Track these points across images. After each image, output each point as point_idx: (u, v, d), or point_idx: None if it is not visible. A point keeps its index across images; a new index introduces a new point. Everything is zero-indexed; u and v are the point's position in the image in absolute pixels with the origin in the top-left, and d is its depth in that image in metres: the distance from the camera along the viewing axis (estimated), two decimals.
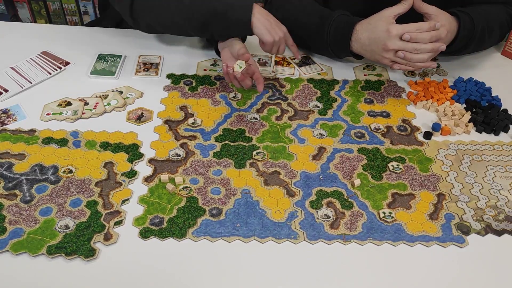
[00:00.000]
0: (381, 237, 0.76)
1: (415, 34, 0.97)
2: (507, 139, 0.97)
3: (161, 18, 1.04)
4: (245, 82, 0.99)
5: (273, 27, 1.01)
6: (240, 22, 0.99)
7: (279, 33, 1.01)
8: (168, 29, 1.08)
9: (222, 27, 1.01)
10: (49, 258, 0.71)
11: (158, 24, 1.06)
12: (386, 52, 1.00)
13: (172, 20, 1.03)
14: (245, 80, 0.98)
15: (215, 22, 1.00)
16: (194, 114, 0.99)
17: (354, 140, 0.95)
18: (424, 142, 0.95)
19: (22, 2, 1.88)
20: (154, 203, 0.80)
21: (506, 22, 1.16)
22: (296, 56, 1.09)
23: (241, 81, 0.98)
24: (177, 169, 0.86)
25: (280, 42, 1.02)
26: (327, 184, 0.85)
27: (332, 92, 1.07)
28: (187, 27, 1.04)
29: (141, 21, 1.06)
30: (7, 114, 0.96)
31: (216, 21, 1.00)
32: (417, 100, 1.04)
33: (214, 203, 0.80)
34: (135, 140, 0.92)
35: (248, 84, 1.00)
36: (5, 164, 0.85)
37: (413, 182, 0.86)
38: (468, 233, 0.78)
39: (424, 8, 1.00)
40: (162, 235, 0.75)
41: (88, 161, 0.87)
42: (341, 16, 1.07)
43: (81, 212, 0.78)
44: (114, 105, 1.00)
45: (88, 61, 1.12)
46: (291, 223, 0.78)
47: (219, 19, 0.99)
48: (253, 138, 0.94)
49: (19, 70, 1.08)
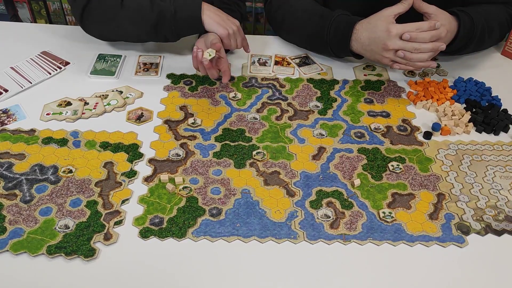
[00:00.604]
0: (381, 237, 0.76)
1: (415, 33, 0.97)
2: (507, 139, 0.97)
3: (111, 27, 1.06)
4: (211, 71, 1.00)
5: (225, 20, 1.03)
6: (191, 20, 1.01)
7: (232, 26, 1.03)
8: (121, 36, 1.11)
9: (174, 28, 1.03)
10: (49, 258, 0.71)
11: (110, 33, 1.09)
12: (386, 51, 1.00)
13: (123, 28, 1.05)
14: (211, 70, 1.00)
15: (166, 24, 1.02)
16: (194, 114, 0.99)
17: (354, 140, 0.95)
18: (424, 142, 0.95)
19: (22, 2, 1.88)
20: (154, 203, 0.80)
21: (506, 22, 1.16)
22: (246, 50, 1.10)
23: (207, 69, 1.00)
24: (177, 169, 0.86)
25: (236, 35, 1.04)
26: (327, 184, 0.85)
27: (332, 92, 1.07)
28: (138, 32, 1.06)
29: (94, 30, 1.09)
30: (7, 114, 0.96)
31: (166, 23, 1.02)
32: (417, 100, 1.04)
33: (214, 203, 0.80)
34: (135, 140, 0.92)
35: (214, 75, 1.01)
36: (5, 164, 0.85)
37: (413, 182, 0.86)
38: (468, 233, 0.78)
39: (424, 7, 1.00)
40: (162, 235, 0.75)
41: (88, 161, 0.87)
42: (341, 15, 1.07)
43: (81, 212, 0.78)
44: (114, 105, 1.00)
45: (88, 61, 1.12)
46: (291, 223, 0.78)
47: (168, 20, 1.01)
48: (253, 138, 0.94)
49: (19, 70, 1.08)
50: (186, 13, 1.01)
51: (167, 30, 1.04)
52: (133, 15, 1.03)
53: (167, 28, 1.03)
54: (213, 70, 1.00)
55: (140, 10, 1.02)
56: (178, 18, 1.01)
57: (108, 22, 1.05)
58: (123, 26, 1.04)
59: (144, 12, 1.02)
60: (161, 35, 1.06)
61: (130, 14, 1.03)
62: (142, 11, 1.02)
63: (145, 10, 1.02)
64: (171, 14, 1.01)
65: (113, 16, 1.03)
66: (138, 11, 1.02)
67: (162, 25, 1.03)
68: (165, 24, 1.02)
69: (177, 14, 1.01)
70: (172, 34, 1.05)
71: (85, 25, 1.08)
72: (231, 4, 1.18)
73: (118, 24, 1.04)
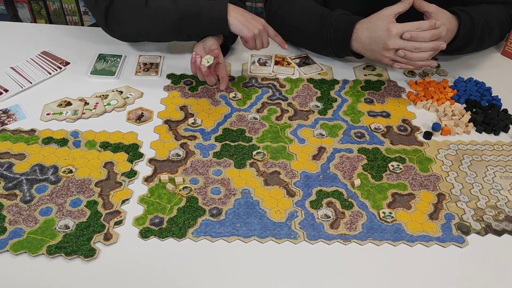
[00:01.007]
0: (381, 237, 0.76)
1: (416, 33, 0.97)
2: (507, 139, 0.97)
3: (135, 27, 1.05)
4: (209, 78, 1.00)
5: (250, 21, 1.02)
6: (216, 22, 1.00)
7: (258, 25, 1.02)
8: (143, 36, 1.10)
9: (198, 28, 1.02)
10: (49, 258, 0.71)
11: (133, 33, 1.08)
12: (386, 51, 1.00)
13: (146, 28, 1.04)
14: (209, 76, 0.99)
15: (191, 24, 1.01)
16: (194, 114, 0.99)
17: (354, 140, 0.95)
18: (424, 142, 0.95)
19: (22, 2, 1.88)
20: (154, 203, 0.80)
21: (506, 22, 1.16)
22: (282, 46, 1.09)
23: (205, 76, 0.99)
24: (177, 169, 0.86)
25: (261, 35, 1.03)
26: (327, 184, 0.85)
27: (332, 92, 1.07)
28: (161, 32, 1.05)
29: (116, 30, 1.08)
30: (7, 114, 0.96)
31: (191, 23, 1.01)
32: (417, 100, 1.04)
33: (214, 203, 0.80)
34: (135, 140, 0.92)
35: (212, 81, 1.01)
36: (5, 164, 0.85)
37: (413, 182, 0.86)
38: (468, 233, 0.78)
39: (425, 6, 1.00)
40: (162, 235, 0.75)
41: (88, 161, 0.87)
42: (341, 15, 1.07)
43: (81, 212, 0.78)
44: (114, 105, 1.00)
45: (88, 61, 1.12)
46: (291, 223, 0.78)
47: (194, 20, 1.01)
48: (253, 138, 0.94)
49: (19, 70, 1.08)
50: (212, 15, 1.00)
51: (192, 31, 1.03)
52: (156, 14, 1.01)
53: (191, 29, 1.02)
54: (211, 76, 1.00)
55: (164, 9, 1.01)
56: (204, 19, 1.00)
57: (131, 22, 1.04)
58: (146, 25, 1.03)
59: (168, 11, 1.01)
60: (185, 35, 1.05)
61: (154, 13, 1.01)
62: (166, 10, 1.01)
63: (169, 10, 1.01)
64: (196, 15, 1.00)
65: (137, 15, 1.02)
66: (162, 10, 1.01)
67: (186, 25, 1.01)
68: (190, 25, 1.01)
69: (203, 15, 1.00)
70: (197, 34, 1.04)
71: (109, 26, 1.06)
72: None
73: (141, 24, 1.03)
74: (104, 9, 1.03)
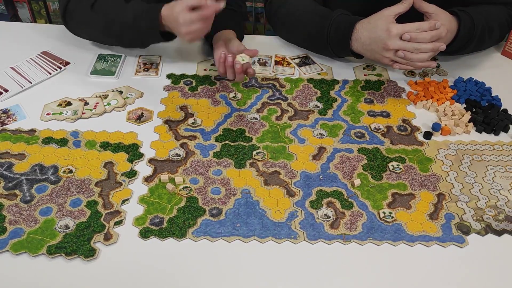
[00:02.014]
0: (381, 237, 0.76)
1: (415, 33, 0.97)
2: (507, 139, 0.97)
3: (86, 30, 1.10)
4: (241, 75, 0.98)
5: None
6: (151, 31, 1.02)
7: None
8: (96, 39, 1.14)
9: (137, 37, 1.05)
10: (49, 258, 0.71)
11: (86, 35, 1.13)
12: (386, 51, 1.00)
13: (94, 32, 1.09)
14: (241, 74, 0.98)
15: (129, 33, 1.04)
16: (194, 114, 0.99)
17: (354, 140, 0.95)
18: (424, 142, 0.95)
19: (22, 2, 1.88)
20: (154, 203, 0.80)
21: (506, 22, 1.16)
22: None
23: (238, 74, 0.98)
24: (177, 169, 0.86)
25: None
26: (327, 184, 0.85)
27: (332, 92, 1.07)
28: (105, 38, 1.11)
29: (76, 31, 1.13)
30: (7, 114, 0.96)
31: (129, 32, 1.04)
32: (417, 100, 1.04)
33: (214, 203, 0.80)
34: (135, 140, 0.92)
35: (241, 78, 1.00)
36: (5, 164, 0.85)
37: (413, 182, 0.86)
38: (468, 233, 0.78)
39: (425, 7, 1.00)
40: (162, 235, 0.75)
41: (88, 161, 0.87)
42: (341, 15, 1.07)
43: (81, 212, 0.78)
44: (114, 105, 1.00)
45: (88, 61, 1.12)
46: (291, 223, 0.78)
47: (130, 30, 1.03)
48: (253, 138, 0.94)
49: (19, 70, 1.08)
50: (145, 24, 1.00)
51: (132, 39, 1.07)
52: (99, 21, 1.05)
53: (130, 36, 1.05)
54: (243, 74, 0.99)
55: (105, 16, 1.04)
56: (138, 27, 1.01)
57: (82, 25, 1.09)
58: (95, 32, 1.09)
59: (108, 20, 1.04)
60: (125, 43, 1.10)
61: (98, 20, 1.05)
62: (107, 18, 1.04)
63: (109, 18, 1.03)
64: (131, 24, 1.01)
65: (86, 19, 1.06)
66: (104, 16, 1.04)
67: (125, 34, 1.04)
68: (129, 33, 1.04)
69: (136, 23, 1.01)
70: (137, 42, 1.08)
71: (67, 25, 1.12)
72: (233, 5, 1.18)
73: (89, 27, 1.08)
74: (63, 9, 1.07)
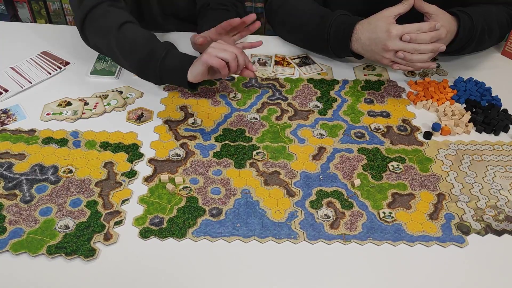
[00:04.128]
0: (381, 237, 0.76)
1: (415, 34, 0.97)
2: (507, 139, 0.97)
3: (105, 44, 1.01)
4: (247, 72, 0.95)
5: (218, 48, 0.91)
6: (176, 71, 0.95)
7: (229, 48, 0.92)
8: (111, 57, 1.06)
9: (158, 72, 0.97)
10: (49, 258, 0.71)
11: (103, 49, 1.04)
12: (386, 52, 1.00)
13: (113, 50, 1.00)
14: (246, 71, 0.95)
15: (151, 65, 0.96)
16: (194, 114, 0.99)
17: (354, 140, 0.95)
18: (424, 142, 0.95)
19: (22, 2, 1.88)
20: (154, 203, 0.80)
21: (506, 22, 1.16)
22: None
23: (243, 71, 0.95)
24: (177, 169, 0.86)
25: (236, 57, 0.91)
26: (327, 184, 0.85)
27: (332, 92, 1.07)
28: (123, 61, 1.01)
29: (90, 40, 1.05)
30: (7, 114, 0.96)
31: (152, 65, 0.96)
32: (417, 100, 1.04)
33: (214, 203, 0.80)
34: (135, 140, 0.92)
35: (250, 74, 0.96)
36: (5, 164, 0.85)
37: (413, 182, 0.86)
38: (468, 233, 0.78)
39: (425, 7, 1.00)
40: (162, 235, 0.75)
41: (88, 161, 0.87)
42: (341, 16, 1.07)
43: (81, 212, 0.78)
44: (114, 105, 1.00)
45: (88, 61, 1.12)
46: (291, 223, 0.78)
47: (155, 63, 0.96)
48: (253, 138, 0.94)
49: (19, 70, 1.08)
50: (174, 63, 0.95)
51: (151, 73, 0.98)
52: (124, 43, 0.98)
53: (151, 70, 0.97)
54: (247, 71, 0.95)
55: (132, 42, 0.97)
56: (165, 64, 0.95)
57: (103, 39, 1.01)
58: (114, 49, 1.00)
59: (135, 46, 0.97)
60: (144, 74, 1.01)
61: (123, 42, 0.98)
62: (134, 44, 0.97)
63: (137, 45, 0.97)
64: (160, 57, 0.95)
65: (109, 35, 0.99)
66: (131, 42, 0.97)
67: (148, 65, 0.97)
68: (151, 66, 0.96)
69: (166, 60, 0.95)
70: (155, 77, 0.99)
71: (85, 29, 1.04)
72: (228, 5, 1.18)
73: (110, 44, 1.00)
74: (83, 14, 1.01)
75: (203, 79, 0.96)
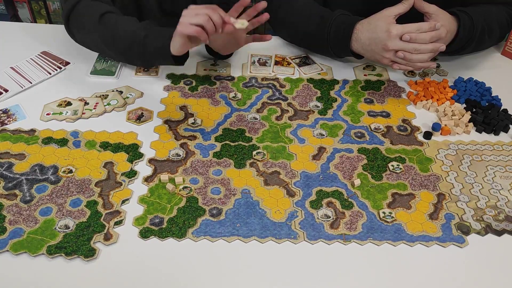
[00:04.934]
0: (381, 237, 0.76)
1: (415, 34, 0.97)
2: (507, 139, 0.97)
3: (89, 39, 1.04)
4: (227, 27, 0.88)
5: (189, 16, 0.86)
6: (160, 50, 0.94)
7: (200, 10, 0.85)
8: (98, 50, 1.08)
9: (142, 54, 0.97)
10: (49, 258, 0.71)
11: (89, 44, 1.07)
12: (386, 52, 1.00)
13: (97, 43, 1.03)
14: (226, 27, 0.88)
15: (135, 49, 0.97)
16: (194, 114, 0.99)
17: (354, 140, 0.95)
18: (424, 142, 0.95)
19: (22, 2, 1.88)
20: (154, 203, 0.80)
21: (506, 22, 1.16)
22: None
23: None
24: (177, 169, 0.86)
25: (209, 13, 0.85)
26: (327, 184, 0.85)
27: (332, 92, 1.07)
28: (109, 52, 1.04)
29: (77, 36, 1.07)
30: (7, 114, 0.96)
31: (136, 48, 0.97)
32: (417, 100, 1.04)
33: (214, 203, 0.80)
34: (135, 140, 0.92)
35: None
36: (5, 164, 0.85)
37: (413, 182, 0.86)
38: (468, 233, 0.78)
39: (425, 7, 1.00)
40: (162, 235, 0.75)
41: (88, 161, 0.87)
42: (341, 15, 1.07)
43: (81, 212, 0.78)
44: (114, 105, 1.00)
45: (88, 61, 1.12)
46: (291, 223, 0.78)
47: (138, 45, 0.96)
48: (253, 138, 0.94)
49: (19, 70, 1.08)
50: (155, 42, 0.94)
51: (136, 56, 0.99)
52: (106, 33, 0.99)
53: (135, 54, 0.99)
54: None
55: (114, 31, 0.98)
56: (147, 45, 0.95)
57: (87, 33, 1.03)
58: (98, 41, 1.02)
59: (117, 33, 0.98)
60: (130, 60, 1.04)
61: (104, 32, 1.00)
62: (116, 31, 0.98)
63: (119, 32, 0.98)
64: (140, 40, 0.95)
65: (91, 29, 1.01)
66: (112, 31, 0.99)
67: (131, 50, 0.98)
68: (134, 50, 0.98)
69: (147, 41, 0.95)
70: (142, 60, 1.01)
71: (70, 25, 1.06)
72: (230, 4, 1.18)
73: (94, 38, 1.02)
74: (67, 11, 1.03)
75: (187, 49, 0.94)
